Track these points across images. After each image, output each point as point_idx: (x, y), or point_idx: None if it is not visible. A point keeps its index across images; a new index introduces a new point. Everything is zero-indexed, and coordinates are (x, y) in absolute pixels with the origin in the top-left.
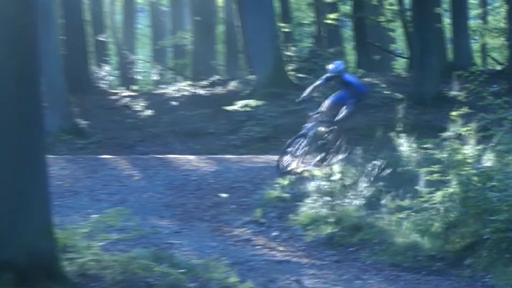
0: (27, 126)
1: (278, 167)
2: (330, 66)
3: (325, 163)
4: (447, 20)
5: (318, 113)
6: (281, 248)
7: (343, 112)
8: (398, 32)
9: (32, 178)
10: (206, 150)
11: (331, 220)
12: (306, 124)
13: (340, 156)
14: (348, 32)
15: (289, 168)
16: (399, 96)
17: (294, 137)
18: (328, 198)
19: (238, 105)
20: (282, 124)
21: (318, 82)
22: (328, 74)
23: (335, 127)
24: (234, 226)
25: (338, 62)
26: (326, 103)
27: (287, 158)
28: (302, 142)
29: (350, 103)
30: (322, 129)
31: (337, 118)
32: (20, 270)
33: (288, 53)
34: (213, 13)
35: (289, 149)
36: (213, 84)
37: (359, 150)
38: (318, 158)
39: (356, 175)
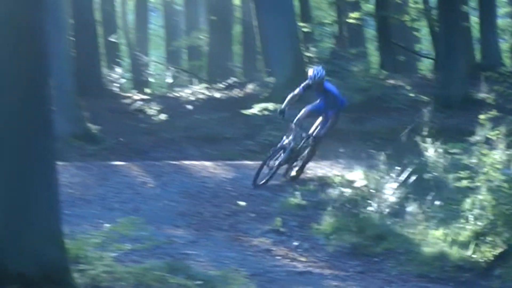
0: (35, 131)
1: (254, 180)
2: (310, 72)
3: (293, 173)
4: (474, 19)
5: (298, 125)
6: (302, 259)
7: (324, 124)
8: (423, 32)
9: (41, 186)
10: (223, 156)
11: (355, 229)
12: (286, 136)
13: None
14: (371, 32)
15: (264, 181)
16: (425, 98)
17: (274, 149)
18: (351, 206)
19: (256, 109)
20: None
21: (296, 91)
22: (308, 81)
23: (316, 141)
24: (253, 236)
25: (319, 67)
26: (303, 112)
27: (264, 171)
28: (281, 154)
29: (331, 115)
30: (301, 142)
31: (320, 131)
32: (28, 282)
33: (308, 54)
34: (230, 12)
35: (269, 162)
36: (229, 87)
37: (383, 155)
38: (293, 169)
39: (380, 181)
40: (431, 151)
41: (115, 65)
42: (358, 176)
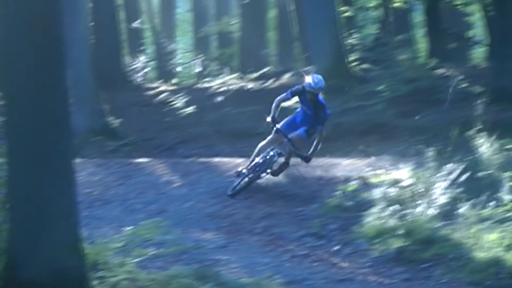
0: (50, 126)
1: (234, 187)
2: (308, 79)
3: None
4: None
5: (289, 140)
6: (343, 265)
7: (303, 137)
8: (476, 17)
9: (57, 186)
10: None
11: (401, 232)
12: (271, 149)
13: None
14: (418, 17)
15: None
16: (478, 90)
17: (263, 159)
18: (397, 207)
19: (292, 101)
20: (344, 123)
21: (282, 96)
22: (300, 87)
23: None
24: (289, 240)
25: (319, 77)
26: (288, 122)
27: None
28: (263, 166)
29: (320, 130)
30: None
31: (309, 152)
32: None
33: (350, 41)
34: None
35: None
36: (264, 77)
37: (432, 152)
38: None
39: (429, 180)
40: (485, 147)
41: (138, 54)
42: (404, 174)
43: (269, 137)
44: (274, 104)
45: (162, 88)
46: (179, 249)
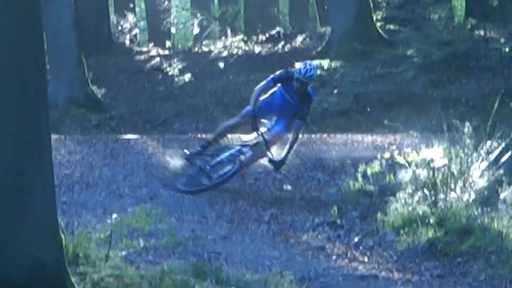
0: (22, 97)
1: (187, 182)
2: (298, 65)
3: None
4: None
5: (266, 144)
6: (365, 259)
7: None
8: None
9: (30, 168)
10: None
11: (432, 221)
12: (240, 149)
13: None
14: None
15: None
16: None
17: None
18: (428, 192)
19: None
20: (367, 93)
21: (262, 85)
22: (282, 73)
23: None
24: (302, 230)
25: (313, 64)
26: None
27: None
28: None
29: (299, 127)
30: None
31: (282, 155)
32: None
33: None
34: None
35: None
36: (273, 39)
37: (469, 127)
38: None
39: (465, 160)
40: None
41: (127, 12)
42: (437, 153)
43: (236, 119)
44: (253, 95)
45: (155, 52)
46: (173, 240)
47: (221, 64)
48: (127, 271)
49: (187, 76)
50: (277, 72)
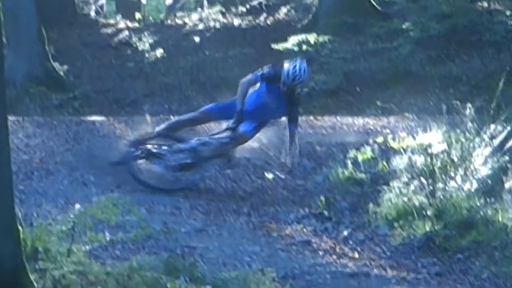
0: None
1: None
2: (286, 66)
3: None
4: None
5: (233, 140)
6: (355, 255)
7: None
8: None
9: None
10: None
11: (430, 213)
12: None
13: None
14: None
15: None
16: None
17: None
18: (426, 181)
19: (291, 42)
20: (358, 71)
21: (249, 79)
22: (271, 71)
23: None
24: (285, 222)
25: (304, 66)
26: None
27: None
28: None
29: (293, 132)
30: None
31: (288, 162)
32: None
33: None
34: None
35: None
36: (255, 11)
37: (471, 109)
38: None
39: (467, 146)
40: None
41: None
42: (435, 138)
43: (192, 114)
44: (239, 90)
45: (123, 25)
46: (143, 233)
47: (197, 39)
48: (91, 268)
49: (159, 52)
50: (265, 68)
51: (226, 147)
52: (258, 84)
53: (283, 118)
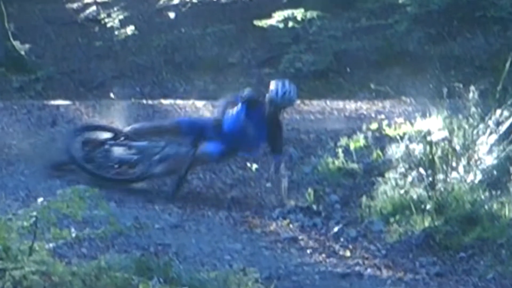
0: None
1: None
2: (273, 85)
3: None
4: None
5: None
6: (347, 253)
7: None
8: None
9: None
10: (224, 93)
11: (430, 207)
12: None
13: None
14: None
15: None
16: None
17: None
18: (425, 171)
19: (276, 19)
20: (350, 50)
21: (230, 98)
22: (253, 95)
23: None
24: (270, 218)
25: (292, 85)
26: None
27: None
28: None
29: (278, 162)
30: None
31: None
32: None
33: None
34: None
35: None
36: None
37: (475, 92)
38: None
39: (470, 133)
40: None
41: None
42: (435, 124)
43: (161, 122)
44: (220, 105)
45: None
46: (112, 229)
47: (172, 14)
48: (55, 267)
49: (130, 29)
50: (246, 91)
51: (180, 160)
52: (239, 107)
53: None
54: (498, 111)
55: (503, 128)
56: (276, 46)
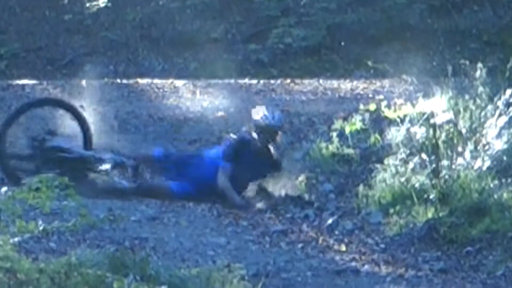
0: None
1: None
2: (258, 112)
3: None
4: None
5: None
6: (342, 248)
7: None
8: None
9: None
10: (207, 71)
11: (433, 196)
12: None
13: None
14: None
15: None
16: None
17: None
18: (428, 157)
19: None
20: (345, 24)
21: (225, 175)
22: (245, 137)
23: None
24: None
25: (276, 111)
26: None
27: None
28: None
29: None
30: None
31: None
32: None
33: None
34: None
35: None
36: None
37: (483, 70)
38: None
39: (477, 115)
40: None
41: None
42: (439, 105)
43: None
44: (227, 190)
45: None
46: (83, 222)
47: None
48: (21, 264)
49: (102, 1)
50: (227, 143)
51: (123, 187)
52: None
53: None
54: (508, 91)
55: None
56: (264, 19)
